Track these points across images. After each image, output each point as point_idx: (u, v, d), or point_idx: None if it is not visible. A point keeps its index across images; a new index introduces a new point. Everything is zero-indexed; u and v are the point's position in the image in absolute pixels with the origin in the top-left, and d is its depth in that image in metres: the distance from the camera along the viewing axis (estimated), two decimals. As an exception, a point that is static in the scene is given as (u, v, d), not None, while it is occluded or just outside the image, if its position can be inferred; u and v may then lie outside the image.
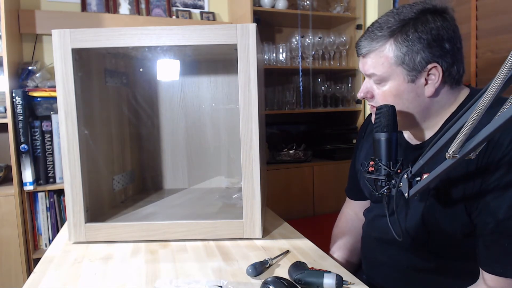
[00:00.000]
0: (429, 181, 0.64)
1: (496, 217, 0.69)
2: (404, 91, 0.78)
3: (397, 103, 0.80)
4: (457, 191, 0.74)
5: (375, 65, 0.80)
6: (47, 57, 2.10)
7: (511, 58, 0.40)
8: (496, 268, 0.71)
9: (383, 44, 0.78)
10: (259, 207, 0.94)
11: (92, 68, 1.07)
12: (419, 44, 0.75)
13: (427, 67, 0.76)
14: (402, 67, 0.77)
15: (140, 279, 0.77)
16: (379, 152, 0.74)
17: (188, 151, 1.39)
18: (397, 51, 0.76)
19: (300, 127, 2.61)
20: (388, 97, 0.80)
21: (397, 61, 0.77)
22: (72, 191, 0.94)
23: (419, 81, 0.77)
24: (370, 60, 0.80)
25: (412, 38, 0.75)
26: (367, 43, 0.80)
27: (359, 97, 0.86)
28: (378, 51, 0.79)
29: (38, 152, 1.84)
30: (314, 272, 0.72)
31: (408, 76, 0.77)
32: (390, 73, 0.78)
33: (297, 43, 2.33)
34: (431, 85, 0.77)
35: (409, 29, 0.75)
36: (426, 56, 0.75)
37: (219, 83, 1.36)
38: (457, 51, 0.77)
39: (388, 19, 0.78)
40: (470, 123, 0.49)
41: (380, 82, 0.81)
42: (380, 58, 0.79)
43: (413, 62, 0.76)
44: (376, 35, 0.78)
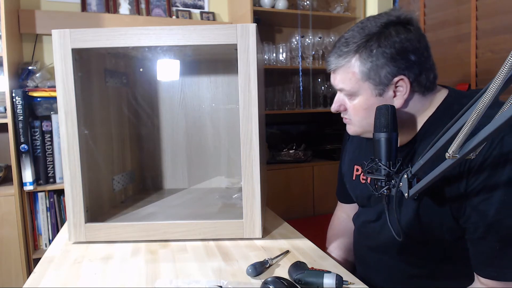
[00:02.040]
0: (429, 181, 0.64)
1: (485, 221, 0.69)
2: (373, 105, 0.78)
3: (368, 116, 0.80)
4: (441, 194, 0.74)
5: (343, 80, 0.80)
6: (47, 57, 2.10)
7: (511, 58, 0.40)
8: (489, 272, 0.71)
9: (349, 60, 0.78)
10: (259, 207, 0.94)
11: (92, 68, 1.07)
12: (383, 58, 0.75)
13: (394, 80, 0.76)
14: (369, 82, 0.77)
15: (140, 279, 0.77)
16: (379, 152, 0.74)
17: (188, 151, 1.39)
18: (362, 67, 0.77)
19: (300, 127, 2.62)
20: (359, 110, 0.81)
21: (363, 77, 0.77)
22: (72, 191, 0.94)
23: (387, 94, 0.78)
24: (338, 76, 0.81)
25: (375, 53, 0.75)
26: (334, 59, 0.81)
27: (333, 110, 0.87)
28: (345, 67, 0.79)
29: (38, 152, 1.84)
30: (314, 272, 0.72)
31: (375, 91, 0.78)
32: (358, 88, 0.79)
33: (297, 43, 2.33)
34: (400, 97, 0.78)
35: (372, 44, 0.75)
36: (391, 70, 0.75)
37: (219, 83, 1.36)
38: (424, 61, 0.77)
39: (354, 34, 0.78)
40: (470, 123, 0.49)
41: (350, 96, 0.82)
42: (347, 73, 0.79)
43: (379, 77, 0.76)
44: (342, 51, 0.79)
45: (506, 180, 0.67)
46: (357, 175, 0.96)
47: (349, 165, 1.01)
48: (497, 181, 0.67)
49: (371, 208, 0.93)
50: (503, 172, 0.67)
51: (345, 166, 1.04)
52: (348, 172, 1.01)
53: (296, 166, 2.26)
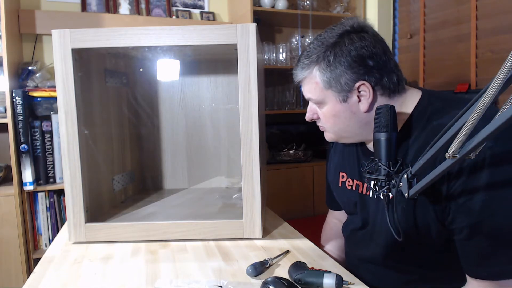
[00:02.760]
0: (429, 181, 0.64)
1: (469, 221, 0.69)
2: (340, 111, 0.81)
3: (337, 123, 0.84)
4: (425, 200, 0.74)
5: (309, 90, 0.84)
6: (47, 57, 2.10)
7: (511, 58, 0.40)
8: (479, 272, 0.71)
9: (311, 72, 0.82)
10: (259, 207, 0.94)
11: (92, 68, 1.07)
12: (341, 67, 0.78)
13: (355, 86, 0.78)
14: (331, 90, 0.80)
15: (140, 279, 0.77)
16: (378, 152, 0.74)
17: (188, 151, 1.39)
18: (323, 76, 0.80)
19: (300, 127, 2.62)
20: (328, 117, 0.84)
21: (325, 85, 0.80)
22: (72, 191, 0.94)
23: (351, 100, 0.80)
24: (305, 86, 0.85)
25: (333, 62, 0.78)
26: (298, 71, 0.85)
27: (307, 119, 0.90)
28: (308, 78, 0.83)
29: (38, 152, 1.84)
30: (314, 272, 0.72)
31: (339, 97, 0.80)
32: (323, 97, 0.82)
33: (297, 43, 2.33)
34: (364, 101, 0.80)
35: (329, 54, 0.79)
36: (350, 77, 0.78)
37: (219, 83, 1.36)
38: (384, 64, 0.79)
39: (314, 47, 0.82)
40: (470, 123, 0.49)
41: (319, 104, 0.85)
42: (311, 84, 0.83)
43: (340, 84, 0.79)
44: (304, 64, 0.83)
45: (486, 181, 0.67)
46: (343, 182, 0.97)
47: (334, 172, 1.01)
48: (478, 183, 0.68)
49: (357, 216, 0.93)
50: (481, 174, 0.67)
51: (331, 174, 1.04)
52: (334, 179, 1.01)
53: (296, 166, 2.26)
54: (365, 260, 0.92)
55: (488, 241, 0.69)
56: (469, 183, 0.68)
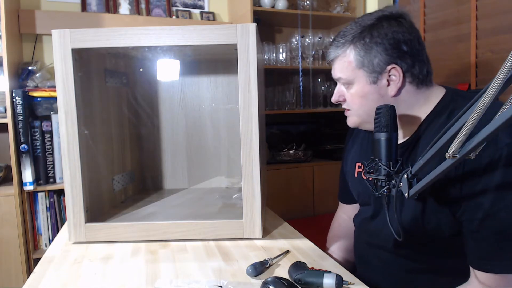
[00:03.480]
0: (429, 181, 0.64)
1: (480, 214, 0.71)
2: (368, 92, 0.84)
3: (364, 104, 0.85)
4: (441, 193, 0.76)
5: (341, 69, 0.86)
6: (47, 57, 2.10)
7: (511, 58, 0.40)
8: (484, 265, 0.72)
9: (345, 50, 0.84)
10: (259, 207, 0.94)
11: (92, 68, 1.07)
12: (376, 47, 0.81)
13: (387, 68, 0.81)
14: (363, 70, 0.83)
15: (140, 279, 0.77)
16: (379, 152, 0.74)
17: (188, 151, 1.39)
18: (357, 55, 0.83)
19: (300, 127, 2.61)
20: (356, 98, 0.86)
21: (358, 65, 0.83)
22: (72, 191, 0.94)
23: (381, 82, 0.82)
24: (336, 65, 0.87)
25: (368, 42, 0.81)
26: (332, 50, 0.87)
27: (333, 101, 0.92)
28: (342, 56, 0.85)
29: (38, 152, 1.84)
30: (314, 272, 0.72)
31: (369, 78, 0.83)
32: (354, 76, 0.84)
33: (297, 43, 2.33)
34: (393, 85, 0.82)
35: (366, 34, 0.82)
36: (383, 59, 0.80)
37: (219, 83, 1.36)
38: (417, 53, 0.82)
39: (351, 27, 0.85)
40: (470, 123, 0.49)
41: (348, 85, 0.87)
42: (344, 62, 0.85)
43: (372, 65, 0.81)
44: (340, 42, 0.85)
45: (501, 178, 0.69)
46: (359, 172, 0.98)
47: (351, 163, 1.02)
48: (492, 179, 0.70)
49: (370, 206, 0.94)
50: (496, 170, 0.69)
51: (347, 165, 1.05)
52: (350, 170, 1.02)
53: (296, 166, 2.26)
54: (375, 246, 0.93)
55: (496, 235, 0.71)
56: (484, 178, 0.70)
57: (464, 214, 0.74)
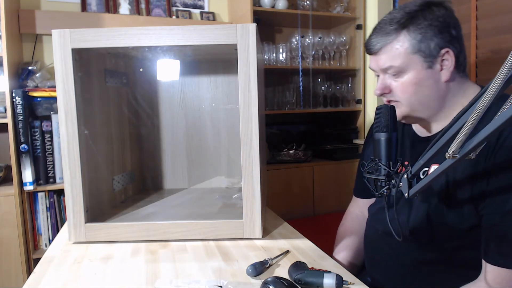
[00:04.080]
0: (429, 181, 0.64)
1: (502, 209, 0.71)
2: (424, 78, 0.81)
3: (417, 92, 0.83)
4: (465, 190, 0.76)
5: (391, 58, 0.82)
6: (47, 57, 2.10)
7: (511, 58, 0.40)
8: (498, 259, 0.72)
9: (397, 36, 0.81)
10: (259, 207, 0.94)
11: (92, 68, 1.07)
12: (431, 31, 0.79)
13: (441, 52, 0.80)
14: (419, 55, 0.80)
15: (140, 279, 0.77)
16: (379, 152, 0.75)
17: (188, 151, 1.39)
18: (412, 40, 0.80)
19: (300, 127, 2.61)
20: (408, 87, 0.83)
21: (413, 50, 0.80)
22: (72, 191, 0.94)
23: (435, 67, 0.81)
24: (385, 55, 0.83)
25: (423, 26, 0.79)
26: (379, 38, 0.83)
27: (376, 95, 0.89)
28: (393, 44, 0.82)
29: (38, 152, 1.84)
30: (314, 272, 0.72)
31: (425, 63, 0.81)
32: (407, 63, 0.81)
33: (297, 43, 2.33)
34: (446, 70, 0.81)
35: (418, 18, 0.80)
36: (439, 42, 0.79)
37: (219, 83, 1.36)
38: (461, 38, 0.82)
39: (395, 15, 0.82)
40: (470, 123, 0.49)
41: (398, 73, 0.83)
42: (395, 49, 0.82)
43: (428, 48, 0.80)
44: (388, 29, 0.82)
45: None
46: None
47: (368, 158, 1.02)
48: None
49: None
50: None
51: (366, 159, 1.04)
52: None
53: (296, 166, 2.25)
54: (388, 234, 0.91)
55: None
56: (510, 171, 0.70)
57: (486, 208, 0.74)
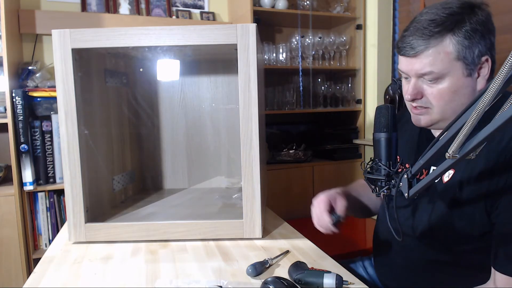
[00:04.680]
0: (429, 181, 0.63)
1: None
2: (462, 86, 0.76)
3: (453, 100, 0.77)
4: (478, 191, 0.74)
5: (433, 62, 0.75)
6: (47, 57, 2.10)
7: (511, 58, 0.40)
8: (508, 268, 0.71)
9: (441, 40, 0.74)
10: (259, 207, 0.94)
11: (92, 68, 1.07)
12: (476, 36, 0.74)
13: (482, 59, 0.75)
14: (463, 62, 0.75)
15: (140, 279, 0.77)
16: (379, 152, 0.74)
17: (188, 151, 1.39)
18: (459, 45, 0.74)
19: (300, 127, 2.61)
20: (445, 94, 0.77)
21: (458, 56, 0.74)
22: (72, 191, 0.94)
23: (474, 75, 0.76)
24: (426, 58, 0.76)
25: (469, 31, 0.73)
26: (422, 41, 0.75)
27: (408, 99, 0.81)
28: (437, 48, 0.75)
29: (38, 152, 1.84)
30: (314, 272, 0.72)
31: (466, 71, 0.75)
32: (449, 69, 0.75)
33: (297, 43, 2.33)
34: (482, 78, 0.77)
35: (464, 22, 0.73)
36: (481, 49, 0.75)
37: (219, 83, 1.36)
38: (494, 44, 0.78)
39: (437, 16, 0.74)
40: (470, 123, 0.49)
41: (436, 79, 0.77)
42: (439, 54, 0.75)
43: (472, 56, 0.74)
44: (432, 31, 0.74)
45: None
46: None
47: None
48: None
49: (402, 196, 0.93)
50: None
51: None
52: None
53: (296, 166, 2.25)
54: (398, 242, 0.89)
55: None
56: None
57: (499, 216, 0.72)
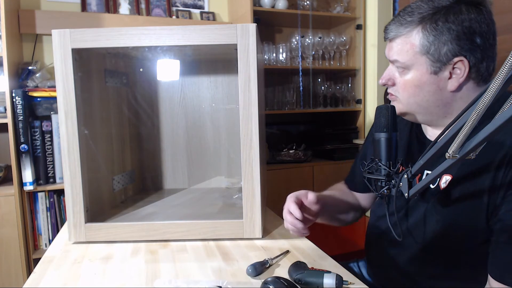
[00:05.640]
0: (429, 181, 0.64)
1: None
2: (426, 83, 0.76)
3: (417, 94, 0.77)
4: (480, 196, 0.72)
5: (399, 52, 0.77)
6: (47, 57, 2.10)
7: (511, 58, 0.40)
8: (505, 278, 0.69)
9: (411, 30, 0.75)
10: (259, 207, 0.94)
11: (92, 68, 1.07)
12: (448, 34, 0.72)
13: (453, 60, 0.73)
14: (427, 57, 0.74)
15: (140, 279, 0.77)
16: (379, 152, 0.74)
17: (188, 151, 1.39)
18: (424, 40, 0.73)
19: (300, 127, 2.61)
20: (409, 87, 0.78)
21: (422, 50, 0.74)
22: (72, 191, 0.94)
23: (442, 74, 0.74)
24: (395, 46, 0.78)
25: (441, 27, 0.72)
26: (395, 27, 0.77)
27: (380, 84, 0.84)
28: (405, 37, 0.76)
29: (38, 152, 1.84)
30: (314, 272, 0.72)
31: (431, 67, 0.74)
32: (413, 62, 0.75)
33: (297, 43, 2.33)
34: (455, 80, 0.74)
35: (439, 17, 0.72)
36: (453, 48, 0.72)
37: (219, 83, 1.36)
38: (489, 47, 0.74)
39: (421, 5, 0.75)
40: (470, 123, 0.49)
41: (403, 70, 0.78)
42: (405, 44, 0.76)
43: (438, 53, 0.73)
44: (406, 20, 0.75)
45: None
46: None
47: None
48: None
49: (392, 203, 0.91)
50: None
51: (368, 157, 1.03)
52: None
53: (296, 166, 2.25)
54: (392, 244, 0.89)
55: None
56: None
57: (497, 223, 0.70)
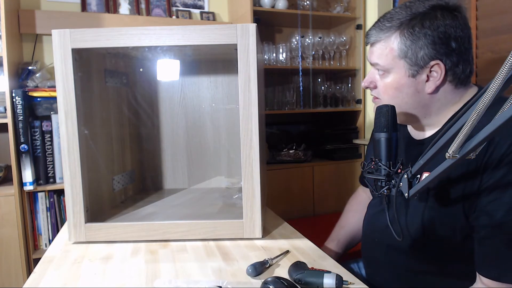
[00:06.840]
0: (429, 181, 0.63)
1: (493, 220, 0.69)
2: (404, 85, 0.80)
3: (397, 97, 0.82)
4: (456, 191, 0.74)
5: (379, 56, 0.81)
6: (47, 57, 2.10)
7: (511, 58, 0.40)
8: (492, 272, 0.71)
9: (390, 36, 0.79)
10: (259, 207, 0.94)
11: (92, 68, 1.07)
12: (424, 39, 0.76)
13: (430, 64, 0.77)
14: (405, 61, 0.78)
15: (140, 279, 0.77)
16: (379, 152, 0.74)
17: (188, 151, 1.39)
18: (401, 44, 0.78)
19: (300, 127, 2.61)
20: (389, 89, 0.82)
21: (400, 54, 0.78)
22: (72, 191, 0.94)
23: (420, 77, 0.79)
24: (376, 50, 0.82)
25: (417, 32, 0.76)
26: (375, 32, 0.82)
27: (363, 86, 0.88)
28: (384, 42, 0.80)
29: (38, 152, 1.84)
30: (314, 272, 0.72)
31: (409, 71, 0.79)
32: (392, 65, 0.80)
33: (297, 43, 2.33)
34: (432, 82, 0.78)
35: (416, 23, 0.76)
36: (429, 52, 0.76)
37: (219, 83, 1.36)
38: (465, 51, 0.78)
39: (400, 11, 0.79)
40: (470, 123, 0.49)
41: (383, 73, 0.82)
42: (385, 49, 0.80)
43: (415, 57, 0.77)
44: (385, 26, 0.80)
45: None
46: None
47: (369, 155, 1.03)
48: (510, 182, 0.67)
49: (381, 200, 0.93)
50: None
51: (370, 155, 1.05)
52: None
53: (296, 166, 2.26)
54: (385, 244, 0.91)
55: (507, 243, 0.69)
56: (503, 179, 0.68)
57: (476, 220, 0.72)
